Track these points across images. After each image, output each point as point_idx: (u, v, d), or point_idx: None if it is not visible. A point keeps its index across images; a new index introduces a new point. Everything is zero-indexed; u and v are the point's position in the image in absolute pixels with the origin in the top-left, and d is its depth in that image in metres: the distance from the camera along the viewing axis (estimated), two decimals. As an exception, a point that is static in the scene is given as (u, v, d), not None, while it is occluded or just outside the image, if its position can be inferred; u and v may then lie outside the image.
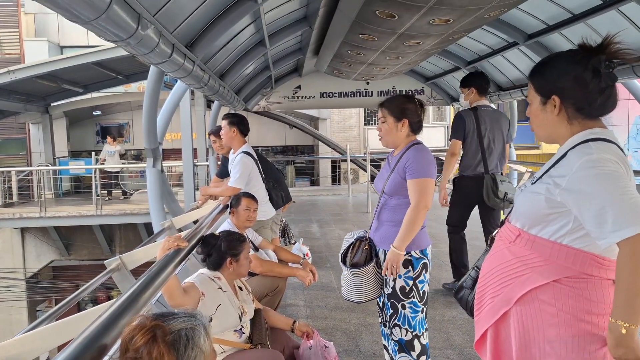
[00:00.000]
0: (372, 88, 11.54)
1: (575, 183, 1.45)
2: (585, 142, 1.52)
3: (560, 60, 1.60)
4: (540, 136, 1.69)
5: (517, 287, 1.58)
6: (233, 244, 2.73)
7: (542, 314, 1.53)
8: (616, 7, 5.02)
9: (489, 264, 1.73)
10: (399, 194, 2.65)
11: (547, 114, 1.62)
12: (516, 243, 1.63)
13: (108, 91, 17.19)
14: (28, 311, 13.36)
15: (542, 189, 1.56)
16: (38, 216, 12.21)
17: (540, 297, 1.54)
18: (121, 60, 11.52)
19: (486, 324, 1.69)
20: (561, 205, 1.51)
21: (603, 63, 1.53)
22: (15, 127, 17.24)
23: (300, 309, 4.49)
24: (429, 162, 2.63)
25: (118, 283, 2.61)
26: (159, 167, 5.88)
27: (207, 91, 5.74)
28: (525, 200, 1.63)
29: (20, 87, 12.72)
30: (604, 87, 1.54)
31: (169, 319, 1.37)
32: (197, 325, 1.38)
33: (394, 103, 2.71)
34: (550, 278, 1.53)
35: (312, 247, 6.63)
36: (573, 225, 1.51)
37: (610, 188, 1.39)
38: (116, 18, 2.46)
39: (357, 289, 2.68)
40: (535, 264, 1.56)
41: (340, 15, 5.23)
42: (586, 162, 1.45)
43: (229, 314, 2.54)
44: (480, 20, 4.82)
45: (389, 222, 2.68)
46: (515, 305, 1.59)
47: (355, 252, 2.73)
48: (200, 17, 3.97)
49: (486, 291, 1.70)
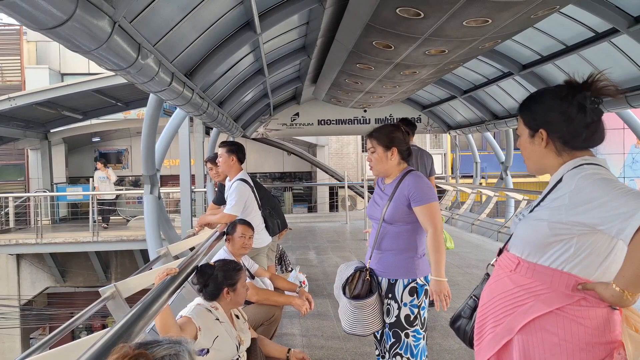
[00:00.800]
0: (369, 116, 11.65)
1: (577, 196, 1.51)
2: (578, 166, 1.59)
3: (547, 95, 1.68)
4: (530, 167, 1.75)
5: (520, 316, 1.58)
6: (229, 274, 2.70)
7: (545, 343, 1.54)
8: (608, 40, 5.13)
9: (489, 292, 1.72)
10: (400, 221, 2.65)
11: (535, 146, 1.68)
12: (517, 271, 1.64)
13: (107, 118, 17.29)
14: (21, 339, 13.16)
15: (544, 214, 1.59)
16: (34, 242, 12.13)
17: (543, 326, 1.55)
18: (121, 87, 11.63)
19: (488, 353, 1.67)
20: (564, 230, 1.53)
21: (588, 99, 1.59)
22: (14, 153, 17.27)
23: (297, 338, 4.44)
24: (429, 187, 2.68)
25: (112, 311, 2.59)
26: (157, 194, 5.90)
27: (206, 118, 5.80)
28: (526, 227, 1.65)
29: (20, 113, 12.80)
30: (589, 122, 1.60)
31: (152, 346, 1.36)
32: (181, 351, 1.37)
33: (382, 132, 2.76)
34: (553, 306, 1.54)
35: (309, 274, 6.58)
36: (574, 251, 1.53)
37: (609, 187, 1.46)
38: (116, 48, 2.50)
39: (361, 321, 2.63)
40: (538, 292, 1.57)
41: (338, 45, 5.32)
42: (582, 177, 1.53)
43: (226, 345, 2.51)
44: (475, 51, 4.90)
45: (392, 250, 2.66)
46: (517, 334, 1.59)
47: (355, 283, 2.68)
48: (200, 46, 4.04)
49: (487, 320, 1.70)
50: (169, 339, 1.40)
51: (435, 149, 21.98)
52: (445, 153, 21.85)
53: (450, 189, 14.33)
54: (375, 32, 4.30)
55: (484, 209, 11.86)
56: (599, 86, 1.59)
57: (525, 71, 6.80)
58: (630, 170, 22.23)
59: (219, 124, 6.81)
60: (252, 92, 7.49)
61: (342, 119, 11.65)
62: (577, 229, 1.51)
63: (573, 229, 1.52)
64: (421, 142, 21.16)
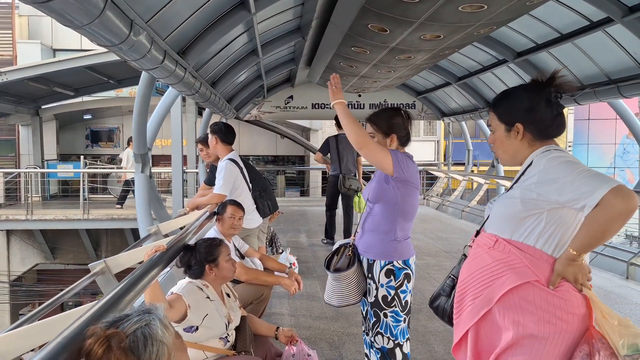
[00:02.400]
0: (364, 100, 11.62)
1: (545, 175, 1.69)
2: (546, 150, 1.79)
3: (519, 92, 1.87)
4: (505, 159, 1.92)
5: (498, 287, 1.72)
6: (209, 250, 2.71)
7: (523, 312, 1.67)
8: (602, 29, 5.13)
9: (468, 269, 1.85)
10: (381, 201, 2.66)
11: (511, 139, 1.85)
12: (495, 247, 1.79)
13: (99, 95, 17.15)
14: (11, 314, 13.19)
15: (516, 193, 1.77)
16: (24, 219, 12.10)
17: (521, 296, 1.68)
18: (113, 64, 11.51)
19: (467, 325, 1.80)
20: (535, 205, 1.70)
21: (552, 94, 1.80)
22: (5, 129, 17.12)
23: (285, 318, 4.49)
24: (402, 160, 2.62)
25: (102, 287, 2.60)
26: (148, 173, 5.88)
27: (198, 98, 5.76)
28: (501, 205, 1.83)
29: (11, 88, 12.66)
30: (556, 114, 1.81)
31: (122, 322, 1.38)
32: (152, 319, 1.39)
33: (381, 117, 2.70)
34: (527, 278, 1.68)
35: (299, 257, 6.62)
36: (544, 225, 1.70)
37: (573, 167, 1.65)
38: (109, 23, 2.48)
39: (337, 293, 2.70)
40: (514, 265, 1.72)
41: (333, 27, 5.30)
42: (550, 159, 1.72)
43: (215, 323, 2.54)
44: (471, 37, 4.90)
45: (372, 230, 2.69)
46: (496, 304, 1.72)
47: (340, 258, 2.75)
48: (193, 24, 4.00)
49: (466, 294, 1.83)
50: (138, 310, 1.43)
51: (429, 135, 22.01)
52: (438, 140, 21.89)
53: (442, 176, 14.39)
54: (370, 14, 4.29)
55: (474, 196, 11.94)
56: (559, 82, 1.80)
57: (520, 59, 6.81)
58: (621, 160, 22.42)
59: (211, 105, 6.78)
60: (245, 72, 7.45)
61: (337, 103, 11.61)
62: (546, 203, 1.69)
63: (543, 204, 1.70)
64: (415, 128, 21.14)
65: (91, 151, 19.03)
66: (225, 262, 2.71)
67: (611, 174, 22.39)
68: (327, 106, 11.60)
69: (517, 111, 1.83)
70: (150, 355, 1.34)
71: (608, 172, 22.41)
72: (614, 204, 1.52)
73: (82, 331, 1.35)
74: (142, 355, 1.33)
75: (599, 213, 1.54)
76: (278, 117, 12.09)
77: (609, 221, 1.54)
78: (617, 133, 21.94)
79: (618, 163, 22.38)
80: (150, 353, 1.34)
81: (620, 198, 1.52)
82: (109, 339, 1.33)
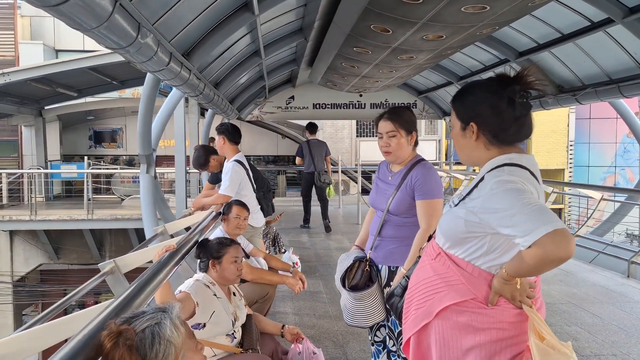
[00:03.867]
0: (365, 100, 11.65)
1: (487, 202, 1.56)
2: (500, 166, 1.63)
3: (478, 89, 1.70)
4: (462, 158, 1.80)
5: (437, 302, 1.69)
6: (217, 247, 2.78)
7: (459, 325, 1.64)
8: (603, 29, 5.17)
9: (415, 277, 1.84)
10: (404, 214, 2.53)
11: (466, 139, 1.71)
12: (437, 260, 1.74)
13: (102, 96, 17.19)
14: (14, 315, 13.24)
15: (461, 212, 1.66)
16: (28, 219, 12.14)
17: (457, 312, 1.65)
18: (116, 65, 11.56)
19: (410, 332, 1.80)
20: (479, 227, 1.61)
21: (518, 93, 1.62)
22: (8, 129, 17.16)
23: (289, 317, 4.53)
24: (437, 182, 2.53)
25: (112, 286, 2.64)
26: (153, 173, 5.92)
27: (202, 99, 5.81)
28: (447, 221, 1.73)
29: (14, 89, 12.71)
30: (518, 116, 1.63)
31: (137, 319, 1.41)
32: (164, 318, 1.40)
33: (402, 116, 2.58)
34: (464, 297, 1.64)
35: (301, 256, 6.66)
36: (487, 248, 1.62)
37: (516, 199, 1.50)
38: (117, 26, 2.52)
39: (362, 312, 2.53)
40: (451, 282, 1.67)
41: (335, 28, 5.33)
42: (495, 182, 1.56)
43: (222, 320, 2.58)
44: (473, 37, 4.93)
45: (394, 238, 2.56)
46: (435, 318, 1.69)
47: (354, 273, 2.60)
48: (197, 26, 4.04)
49: (412, 302, 1.81)
50: (153, 308, 1.45)
51: (430, 135, 22.02)
52: (439, 139, 21.88)
53: (444, 175, 14.41)
54: (373, 15, 4.31)
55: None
56: (528, 80, 1.61)
57: (522, 58, 6.84)
58: (622, 159, 22.42)
59: (214, 106, 6.82)
60: (248, 74, 7.49)
61: (338, 103, 11.65)
62: (489, 228, 1.59)
63: (486, 228, 1.60)
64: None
65: (94, 152, 19.09)
66: (228, 263, 2.74)
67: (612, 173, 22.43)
68: (328, 106, 11.65)
69: (472, 108, 1.69)
70: (157, 354, 1.35)
71: (609, 171, 22.44)
72: (547, 249, 1.41)
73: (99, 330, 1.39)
74: (148, 353, 1.35)
75: (531, 254, 1.44)
76: (279, 117, 12.12)
77: (540, 264, 1.45)
78: (618, 132, 21.94)
79: (619, 162, 22.38)
80: (157, 352, 1.35)
81: (555, 244, 1.40)
82: (119, 335, 1.35)
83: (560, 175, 21.40)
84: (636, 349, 3.77)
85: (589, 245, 7.12)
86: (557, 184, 10.14)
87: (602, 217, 9.90)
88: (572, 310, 4.65)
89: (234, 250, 2.80)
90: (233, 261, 2.76)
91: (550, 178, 19.86)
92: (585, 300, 4.92)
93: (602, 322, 4.34)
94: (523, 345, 1.62)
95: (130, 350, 1.34)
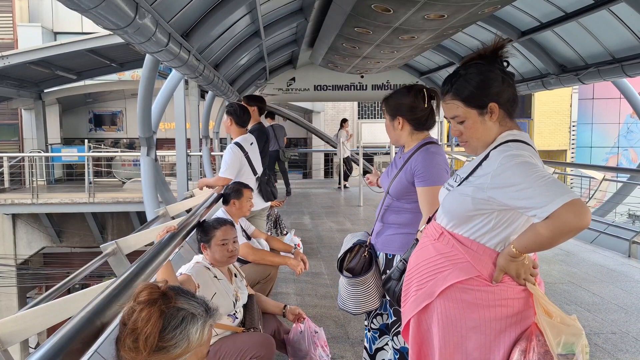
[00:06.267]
0: (366, 82, 11.57)
1: (497, 178, 1.57)
2: (505, 142, 1.66)
3: (479, 70, 1.70)
4: (476, 147, 1.75)
5: (440, 282, 1.69)
6: (206, 230, 2.77)
7: (463, 304, 1.66)
8: (607, 7, 5.10)
9: (415, 258, 1.83)
10: (405, 199, 2.45)
11: (486, 122, 1.69)
12: (439, 240, 1.75)
13: (101, 79, 17.12)
14: (18, 298, 13.37)
15: (468, 190, 1.66)
16: (30, 202, 12.19)
17: (461, 290, 1.66)
18: (115, 48, 11.49)
19: (410, 313, 1.80)
20: (487, 205, 1.62)
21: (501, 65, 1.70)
22: (8, 113, 17.14)
23: (291, 297, 4.57)
24: (439, 167, 2.40)
25: (114, 267, 2.66)
26: (153, 156, 5.92)
27: (201, 81, 5.77)
28: (452, 200, 1.73)
29: (13, 72, 12.66)
30: (514, 88, 1.71)
31: (182, 296, 1.38)
32: (199, 315, 1.37)
33: (390, 99, 2.49)
34: (469, 274, 1.65)
35: (303, 238, 6.70)
36: (493, 225, 1.64)
37: (528, 172, 1.52)
38: (115, 7, 2.50)
39: (353, 299, 2.47)
40: (456, 260, 1.68)
41: (336, 7, 5.27)
42: (505, 158, 1.58)
43: (224, 301, 2.60)
44: (475, 17, 4.88)
45: (393, 224, 2.49)
46: (437, 298, 1.70)
47: (352, 256, 2.52)
48: (196, 6, 3.99)
49: (412, 284, 1.81)
50: (203, 301, 1.42)
51: (431, 116, 21.90)
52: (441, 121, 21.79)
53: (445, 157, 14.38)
54: (374, -5, 4.26)
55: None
56: (500, 53, 1.69)
57: (524, 38, 6.76)
58: (625, 140, 22.36)
59: (214, 88, 6.78)
60: (248, 55, 7.43)
61: (339, 85, 11.57)
62: (497, 205, 1.60)
63: (494, 205, 1.61)
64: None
65: (94, 135, 19.06)
66: (216, 245, 2.70)
67: (615, 154, 22.38)
68: (329, 88, 11.58)
69: (488, 90, 1.67)
70: (173, 337, 1.32)
71: (612, 151, 22.39)
72: (565, 219, 1.43)
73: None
74: (167, 331, 1.32)
75: (548, 225, 1.46)
76: (280, 99, 12.06)
77: (558, 235, 1.47)
78: (621, 112, 21.84)
79: (622, 142, 22.32)
80: (174, 336, 1.33)
81: (572, 214, 1.42)
82: (162, 295, 1.34)
83: (563, 156, 21.38)
84: (635, 327, 3.79)
85: (590, 226, 7.12)
86: (559, 165, 10.13)
87: (604, 198, 9.91)
88: (572, 290, 4.68)
89: (221, 233, 2.74)
90: (221, 244, 2.71)
91: (553, 159, 19.84)
92: (585, 280, 4.94)
93: (602, 301, 4.36)
94: (529, 321, 1.64)
95: (160, 315, 1.31)
